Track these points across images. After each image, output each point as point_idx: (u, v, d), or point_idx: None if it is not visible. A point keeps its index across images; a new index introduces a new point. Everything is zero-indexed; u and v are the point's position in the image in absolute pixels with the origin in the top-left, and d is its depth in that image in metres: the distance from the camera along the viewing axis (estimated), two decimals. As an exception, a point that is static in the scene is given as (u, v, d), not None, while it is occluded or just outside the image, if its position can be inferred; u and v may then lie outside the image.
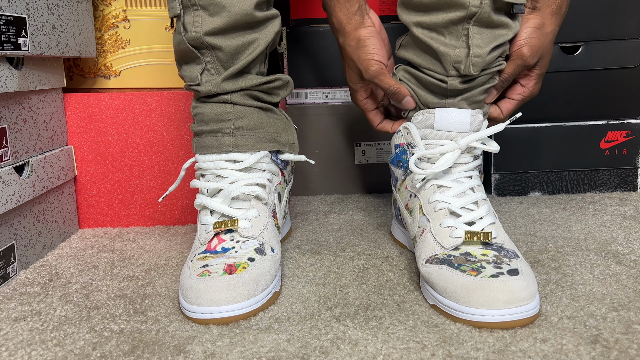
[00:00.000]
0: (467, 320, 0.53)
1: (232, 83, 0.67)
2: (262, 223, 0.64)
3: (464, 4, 0.61)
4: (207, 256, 0.60)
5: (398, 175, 0.71)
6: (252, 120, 0.68)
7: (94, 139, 0.85)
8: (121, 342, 0.52)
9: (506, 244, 0.60)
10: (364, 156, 1.01)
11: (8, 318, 0.58)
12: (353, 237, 0.79)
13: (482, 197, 0.64)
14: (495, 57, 0.65)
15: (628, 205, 0.89)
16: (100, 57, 0.92)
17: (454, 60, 0.63)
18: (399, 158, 0.70)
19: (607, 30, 0.93)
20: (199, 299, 0.55)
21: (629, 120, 0.95)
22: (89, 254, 0.76)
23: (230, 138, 0.67)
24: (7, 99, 0.69)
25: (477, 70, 0.63)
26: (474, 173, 0.66)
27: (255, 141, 0.68)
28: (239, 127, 0.67)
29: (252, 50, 0.66)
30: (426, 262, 0.59)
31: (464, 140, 0.63)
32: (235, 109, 0.67)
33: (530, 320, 0.53)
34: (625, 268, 0.65)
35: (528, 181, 0.97)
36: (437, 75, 0.65)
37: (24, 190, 0.70)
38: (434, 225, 0.62)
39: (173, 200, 0.87)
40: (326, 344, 0.51)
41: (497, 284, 0.53)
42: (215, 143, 0.67)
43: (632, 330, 0.51)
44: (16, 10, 0.67)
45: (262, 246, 0.62)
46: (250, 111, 0.68)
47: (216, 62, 0.66)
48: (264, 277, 0.58)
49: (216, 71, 0.67)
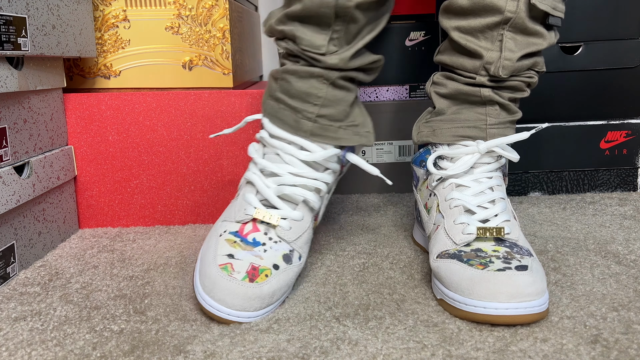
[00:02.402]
0: (470, 312, 0.53)
1: (356, 61, 0.65)
2: (302, 229, 0.63)
3: (500, 9, 0.62)
4: (236, 242, 0.59)
5: (420, 175, 0.71)
6: (337, 111, 0.65)
7: (94, 139, 0.85)
8: (121, 342, 0.52)
9: (520, 242, 0.60)
10: (364, 156, 1.01)
11: (8, 318, 0.58)
12: (353, 236, 0.79)
13: (501, 196, 0.63)
14: (526, 66, 0.65)
15: (628, 205, 0.89)
16: (100, 57, 0.92)
17: (485, 62, 0.64)
18: (422, 158, 0.70)
19: (607, 30, 0.93)
20: (213, 292, 0.55)
21: (629, 120, 0.95)
22: (89, 254, 0.76)
23: (312, 124, 0.64)
24: (7, 99, 0.69)
25: (506, 73, 0.64)
26: (495, 174, 0.65)
27: (333, 132, 0.65)
28: (323, 115, 0.64)
29: (376, 26, 0.66)
30: (437, 257, 0.60)
31: (485, 144, 0.64)
32: (327, 95, 0.64)
33: (536, 317, 0.52)
34: (625, 268, 0.65)
35: (528, 181, 0.97)
36: (468, 73, 0.66)
37: (24, 190, 0.70)
38: (448, 222, 0.62)
39: (173, 201, 0.87)
40: (326, 344, 0.51)
41: (502, 277, 0.53)
42: (293, 123, 0.64)
43: (632, 330, 0.51)
44: (16, 10, 0.67)
45: (292, 253, 0.61)
46: (340, 100, 0.65)
47: (343, 36, 0.63)
48: (282, 290, 0.58)
49: (339, 44, 0.63)
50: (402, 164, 1.00)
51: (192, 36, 0.91)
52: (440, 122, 0.68)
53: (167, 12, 0.90)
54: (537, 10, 0.62)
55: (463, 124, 0.67)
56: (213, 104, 0.85)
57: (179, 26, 0.90)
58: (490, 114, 0.66)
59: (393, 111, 0.99)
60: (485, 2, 0.62)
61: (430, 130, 0.69)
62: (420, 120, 0.71)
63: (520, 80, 0.66)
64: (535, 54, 0.66)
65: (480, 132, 0.66)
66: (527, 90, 0.67)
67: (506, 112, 0.67)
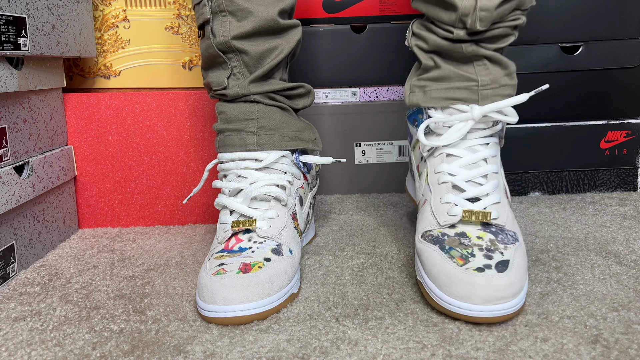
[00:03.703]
0: (444, 307, 0.53)
1: (258, 86, 0.68)
2: (281, 224, 0.64)
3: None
4: (223, 255, 0.60)
5: (413, 134, 0.68)
6: (274, 120, 0.69)
7: (94, 139, 0.85)
8: (121, 342, 0.52)
9: (508, 225, 0.58)
10: (364, 156, 1.01)
11: (8, 318, 0.58)
12: (352, 237, 0.79)
13: (494, 170, 0.60)
14: (508, 10, 0.59)
15: (628, 205, 0.89)
16: (100, 57, 0.92)
17: (461, 13, 0.59)
18: (414, 116, 0.67)
19: (607, 30, 0.93)
20: (214, 297, 0.54)
21: (629, 120, 0.95)
22: (89, 254, 0.76)
23: (255, 137, 0.68)
24: (7, 99, 0.69)
25: (484, 25, 0.58)
26: (492, 140, 0.61)
27: (278, 140, 0.68)
28: (263, 126, 0.68)
29: (276, 55, 0.68)
30: (421, 237, 0.59)
31: (479, 110, 0.59)
32: (258, 108, 0.68)
33: (510, 317, 0.52)
34: (626, 268, 0.65)
35: (528, 181, 0.97)
36: (445, 26, 0.61)
37: (23, 190, 0.70)
38: (435, 199, 0.60)
39: (173, 201, 0.87)
40: (326, 344, 0.51)
41: (479, 281, 0.51)
42: (239, 142, 0.68)
43: (632, 330, 0.51)
44: (16, 10, 0.67)
45: (280, 247, 0.62)
46: (273, 111, 0.69)
47: (242, 66, 0.68)
48: (280, 277, 0.58)
49: (242, 75, 0.68)
50: (402, 164, 1.00)
51: (192, 36, 0.91)
52: (430, 81, 0.64)
53: (167, 12, 0.90)
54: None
55: (453, 84, 0.62)
56: (213, 104, 0.85)
57: (179, 26, 0.90)
58: (480, 73, 0.61)
59: (393, 111, 0.99)
60: None
61: (421, 91, 0.65)
62: (411, 78, 0.67)
63: (505, 26, 0.60)
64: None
65: (472, 94, 0.61)
66: (515, 33, 0.62)
67: (498, 65, 0.62)
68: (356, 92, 1.00)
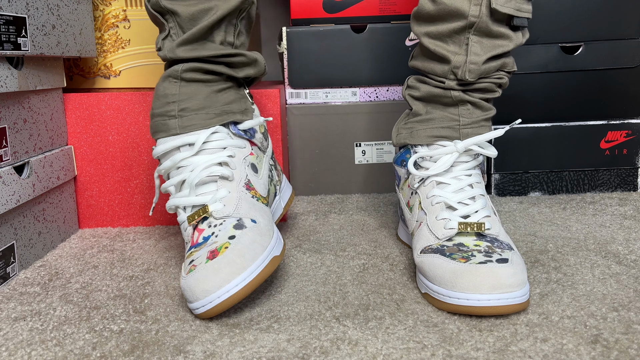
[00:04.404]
0: (454, 304, 0.54)
1: (187, 50, 0.66)
2: (235, 199, 0.63)
3: (464, 13, 0.64)
4: (192, 252, 0.60)
5: (401, 175, 0.73)
6: (198, 101, 0.66)
7: (94, 139, 0.85)
8: (121, 342, 0.52)
9: (501, 236, 0.62)
10: (364, 156, 1.01)
11: (8, 318, 0.58)
12: (353, 236, 0.79)
13: (480, 192, 0.65)
14: (494, 68, 0.67)
15: (628, 205, 0.89)
16: (100, 57, 0.92)
17: (453, 66, 0.67)
18: (402, 157, 0.72)
19: (607, 30, 0.93)
20: (195, 295, 0.54)
21: (629, 120, 0.95)
22: (89, 254, 0.76)
23: (176, 120, 0.65)
24: (7, 99, 0.69)
25: (472, 76, 0.66)
26: (474, 172, 0.67)
27: (202, 119, 0.66)
28: (184, 108, 0.65)
29: (210, 16, 0.66)
30: (420, 253, 0.61)
31: (462, 143, 0.66)
32: (180, 91, 0.66)
33: (518, 307, 0.54)
34: (626, 268, 0.65)
35: (528, 181, 0.97)
36: (438, 77, 0.68)
37: (23, 190, 0.70)
38: (430, 218, 0.64)
39: (173, 200, 0.87)
40: (326, 344, 0.51)
41: (483, 270, 0.54)
42: (163, 127, 0.66)
43: (632, 330, 0.51)
44: (16, 10, 0.67)
45: (241, 221, 0.61)
46: (198, 91, 0.67)
47: (177, 27, 0.67)
48: (250, 247, 0.57)
49: (177, 37, 0.67)
50: (402, 164, 1.00)
51: (192, 36, 0.90)
52: (417, 123, 0.70)
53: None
54: (500, 13, 0.64)
55: (437, 125, 0.69)
56: (213, 104, 0.85)
57: (179, 26, 0.90)
58: (462, 114, 0.68)
59: (393, 111, 0.99)
60: (450, 8, 0.65)
61: (408, 132, 0.71)
62: (399, 123, 0.73)
63: (490, 82, 0.67)
64: (502, 55, 0.67)
65: (454, 132, 0.68)
66: (499, 90, 0.69)
67: (479, 109, 0.68)
68: (356, 92, 1.00)
